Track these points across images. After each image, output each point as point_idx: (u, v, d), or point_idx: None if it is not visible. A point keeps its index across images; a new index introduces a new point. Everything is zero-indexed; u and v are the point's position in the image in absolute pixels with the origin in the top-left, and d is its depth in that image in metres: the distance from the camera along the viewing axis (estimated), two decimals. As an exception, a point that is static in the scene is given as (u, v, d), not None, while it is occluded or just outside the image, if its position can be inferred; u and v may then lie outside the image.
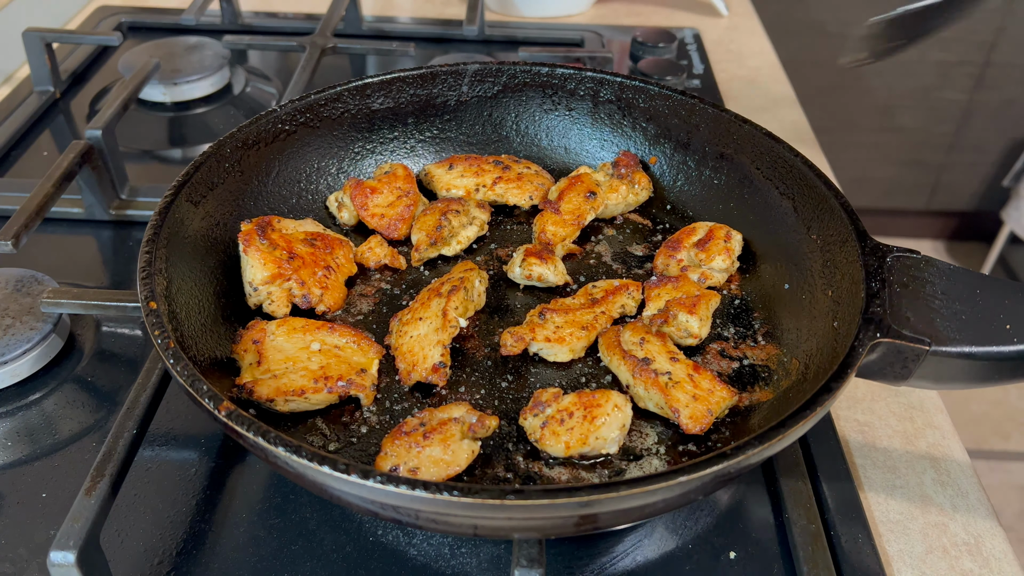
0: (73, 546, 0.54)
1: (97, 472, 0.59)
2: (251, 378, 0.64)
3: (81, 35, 1.17)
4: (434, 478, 0.59)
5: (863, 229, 0.68)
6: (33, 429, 0.71)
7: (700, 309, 0.72)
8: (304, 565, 0.61)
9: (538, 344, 0.70)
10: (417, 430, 0.60)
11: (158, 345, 0.57)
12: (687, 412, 0.64)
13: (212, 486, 0.67)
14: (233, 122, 1.13)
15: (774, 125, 1.16)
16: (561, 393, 0.64)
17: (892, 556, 0.64)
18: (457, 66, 0.89)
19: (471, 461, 0.61)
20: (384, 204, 0.83)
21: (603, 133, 0.91)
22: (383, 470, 0.57)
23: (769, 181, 0.79)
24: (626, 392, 0.67)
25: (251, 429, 0.51)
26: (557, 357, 0.71)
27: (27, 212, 0.77)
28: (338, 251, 0.77)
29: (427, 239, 0.79)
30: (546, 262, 0.77)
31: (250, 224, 0.74)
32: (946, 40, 2.52)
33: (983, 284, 0.64)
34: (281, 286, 0.72)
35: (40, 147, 1.06)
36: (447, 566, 0.62)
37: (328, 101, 0.85)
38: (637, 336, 0.69)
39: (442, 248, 0.81)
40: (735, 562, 0.63)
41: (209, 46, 1.21)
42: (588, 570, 0.62)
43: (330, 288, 0.74)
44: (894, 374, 0.62)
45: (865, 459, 0.72)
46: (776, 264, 0.78)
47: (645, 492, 0.49)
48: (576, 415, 0.62)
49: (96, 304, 0.72)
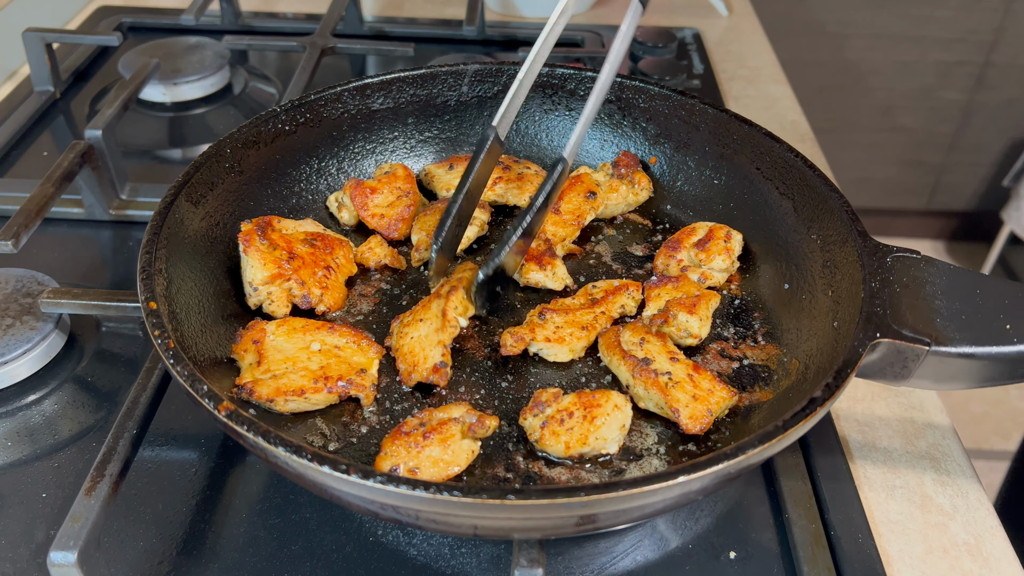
0: (73, 546, 0.54)
1: (97, 472, 0.59)
2: (251, 378, 0.64)
3: (81, 35, 1.17)
4: (434, 478, 0.59)
5: (863, 229, 0.68)
6: (33, 429, 0.71)
7: (700, 309, 0.72)
8: (304, 565, 0.61)
9: (538, 344, 0.70)
10: (417, 430, 0.60)
11: (158, 345, 0.57)
12: (687, 412, 0.64)
13: (212, 486, 0.67)
14: (233, 122, 1.13)
15: (774, 125, 1.16)
16: (561, 393, 0.64)
17: (892, 556, 0.64)
18: (457, 66, 0.89)
19: (471, 461, 0.61)
20: (384, 204, 0.83)
21: (603, 133, 0.91)
22: (383, 470, 0.57)
23: (769, 181, 0.79)
24: (626, 392, 0.67)
25: (251, 429, 0.51)
26: (557, 357, 0.71)
27: (27, 212, 0.77)
28: (338, 251, 0.77)
29: (427, 239, 0.79)
30: (545, 268, 0.77)
31: (250, 224, 0.74)
32: (946, 40, 2.52)
33: (983, 284, 0.64)
34: (281, 286, 0.72)
35: (40, 147, 1.06)
36: (447, 566, 0.62)
37: (328, 101, 0.85)
38: (637, 336, 0.69)
39: None
40: (735, 562, 0.63)
41: (209, 46, 1.21)
42: (588, 570, 0.62)
43: (330, 288, 0.74)
44: (894, 374, 0.62)
45: (865, 459, 0.72)
46: (776, 264, 0.78)
47: (645, 492, 0.49)
48: (576, 415, 0.62)
49: (96, 304, 0.72)
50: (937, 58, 2.56)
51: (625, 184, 0.85)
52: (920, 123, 2.70)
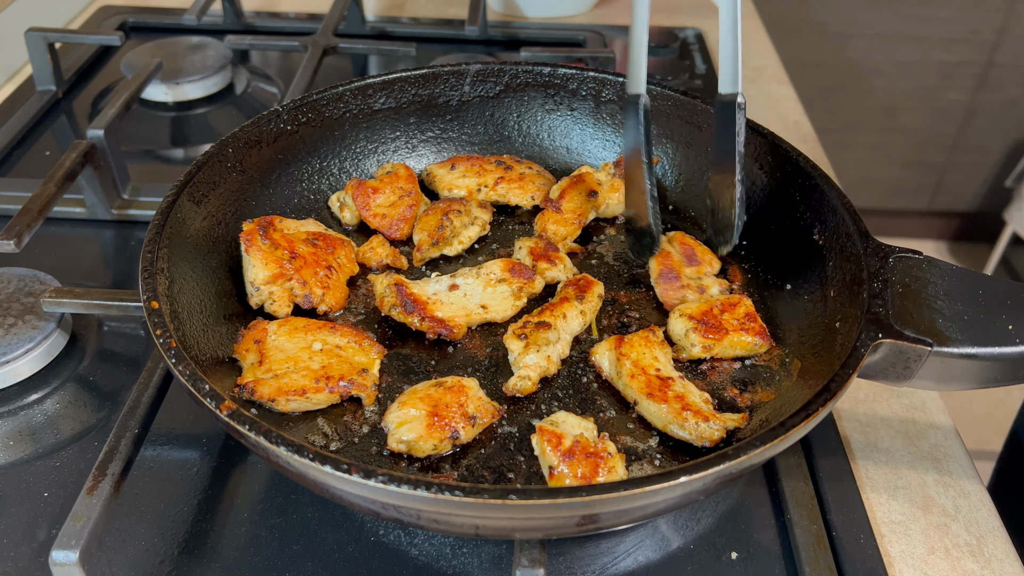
0: (75, 545, 0.54)
1: (99, 471, 0.59)
2: (252, 378, 0.64)
3: (83, 35, 1.17)
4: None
5: (865, 229, 0.68)
6: (35, 428, 0.71)
7: (728, 337, 0.70)
8: (305, 565, 0.61)
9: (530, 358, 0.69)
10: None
11: (160, 345, 0.57)
12: (696, 434, 0.63)
13: (214, 485, 0.67)
14: (235, 122, 1.13)
15: (776, 125, 1.16)
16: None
17: (894, 557, 0.64)
18: (459, 66, 0.89)
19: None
20: (386, 204, 0.83)
21: (605, 133, 0.91)
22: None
23: (771, 181, 0.79)
24: (633, 408, 0.67)
25: (253, 429, 0.51)
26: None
27: (29, 212, 0.77)
28: (340, 251, 0.77)
29: (429, 239, 0.79)
30: (555, 264, 0.77)
31: (252, 224, 0.74)
32: (949, 40, 2.52)
33: (985, 285, 0.63)
34: (283, 286, 0.72)
35: (42, 147, 1.06)
36: (448, 566, 0.62)
37: (330, 101, 0.85)
38: (649, 353, 0.68)
39: (444, 248, 0.81)
40: (736, 562, 0.63)
41: (211, 46, 1.21)
42: (590, 570, 0.62)
43: (332, 288, 0.74)
44: (896, 375, 0.62)
45: (867, 460, 0.72)
46: (778, 264, 0.77)
47: (647, 492, 0.49)
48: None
49: (98, 304, 0.72)
50: (939, 58, 2.56)
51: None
52: (922, 123, 2.69)
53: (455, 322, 0.72)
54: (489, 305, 0.73)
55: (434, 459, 0.62)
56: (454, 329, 0.71)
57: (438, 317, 0.71)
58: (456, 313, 0.72)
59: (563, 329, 0.70)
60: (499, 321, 0.74)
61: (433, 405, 0.62)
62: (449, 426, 0.61)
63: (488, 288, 0.74)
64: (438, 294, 0.73)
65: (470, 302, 0.73)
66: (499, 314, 0.74)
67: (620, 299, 0.78)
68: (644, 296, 0.78)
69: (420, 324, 0.71)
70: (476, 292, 0.73)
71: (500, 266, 0.75)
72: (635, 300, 0.78)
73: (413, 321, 0.71)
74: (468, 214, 0.82)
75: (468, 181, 0.87)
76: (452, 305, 0.72)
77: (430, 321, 0.71)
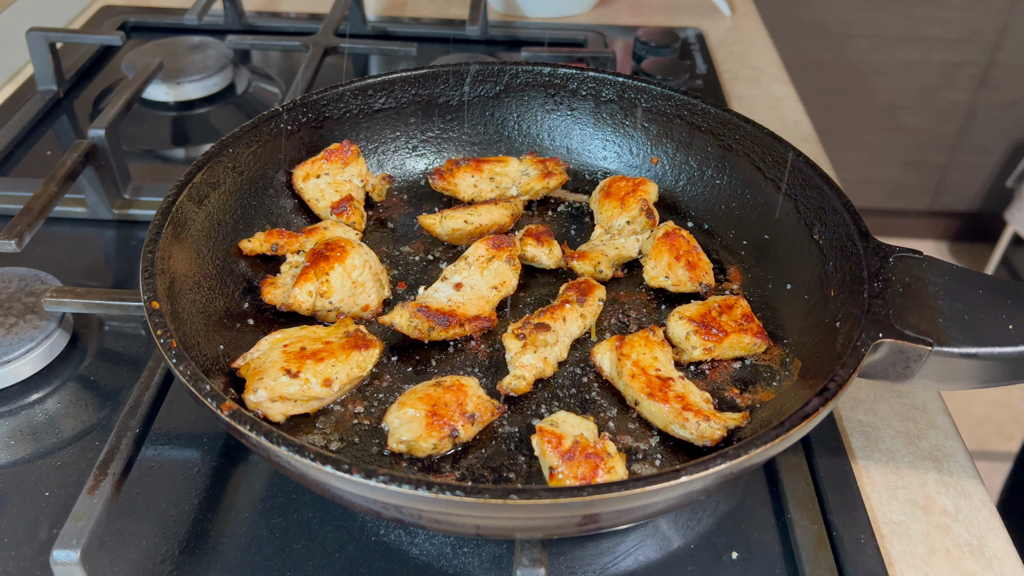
0: (76, 545, 0.54)
1: (100, 471, 0.59)
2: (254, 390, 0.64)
3: (85, 35, 1.17)
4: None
5: (865, 229, 0.68)
6: (36, 428, 0.72)
7: (728, 339, 0.70)
8: (306, 564, 0.62)
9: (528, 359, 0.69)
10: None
11: (161, 345, 0.57)
12: (697, 433, 0.63)
13: (214, 485, 0.67)
14: (236, 122, 1.13)
15: (777, 125, 1.16)
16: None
17: (894, 557, 0.64)
18: (459, 66, 0.89)
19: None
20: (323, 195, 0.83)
21: (605, 133, 0.91)
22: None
23: (771, 182, 0.79)
24: (634, 408, 0.67)
25: (254, 429, 0.51)
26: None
27: (31, 211, 0.77)
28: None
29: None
30: (542, 244, 0.78)
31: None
32: (950, 40, 2.52)
33: (986, 285, 0.63)
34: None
35: (43, 146, 1.07)
36: (449, 566, 0.62)
37: (331, 101, 0.85)
38: (650, 353, 0.69)
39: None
40: (737, 562, 0.63)
41: (212, 46, 1.21)
42: (590, 570, 0.62)
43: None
44: (896, 374, 0.62)
45: (867, 459, 0.72)
46: (778, 264, 0.77)
47: (647, 492, 0.49)
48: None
49: (99, 304, 0.72)
50: (940, 58, 2.55)
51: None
52: (923, 123, 2.69)
53: (486, 312, 0.73)
54: (498, 284, 0.74)
55: (435, 459, 0.62)
56: (491, 318, 0.72)
57: (472, 315, 0.72)
58: (480, 305, 0.73)
59: (562, 332, 0.70)
60: (514, 291, 0.75)
61: (432, 404, 0.62)
62: (448, 424, 0.61)
63: (486, 271, 0.74)
64: (452, 299, 0.73)
65: (482, 290, 0.74)
66: (510, 286, 0.75)
67: (620, 299, 0.78)
68: (644, 296, 0.78)
69: (462, 330, 0.71)
70: (479, 280, 0.74)
71: (483, 247, 0.75)
72: (635, 300, 0.78)
73: (455, 331, 0.71)
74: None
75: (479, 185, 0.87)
76: (471, 301, 0.73)
77: (470, 323, 0.71)
